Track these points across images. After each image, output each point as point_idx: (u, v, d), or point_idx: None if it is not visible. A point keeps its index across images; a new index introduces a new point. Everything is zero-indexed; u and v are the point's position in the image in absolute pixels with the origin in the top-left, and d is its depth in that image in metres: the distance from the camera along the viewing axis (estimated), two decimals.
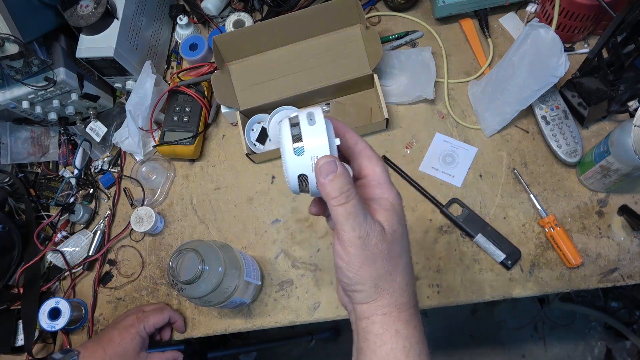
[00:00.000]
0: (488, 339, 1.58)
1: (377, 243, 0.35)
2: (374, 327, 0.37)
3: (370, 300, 0.37)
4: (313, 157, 0.34)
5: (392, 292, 0.36)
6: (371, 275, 0.36)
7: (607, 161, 0.64)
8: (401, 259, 0.37)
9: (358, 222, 0.34)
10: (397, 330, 0.36)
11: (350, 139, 0.39)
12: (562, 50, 0.68)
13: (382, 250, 0.35)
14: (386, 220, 0.36)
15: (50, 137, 0.93)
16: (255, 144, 0.84)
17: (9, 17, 0.70)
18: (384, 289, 0.36)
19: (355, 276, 0.36)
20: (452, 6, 0.83)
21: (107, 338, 0.70)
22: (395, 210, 0.37)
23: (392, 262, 0.36)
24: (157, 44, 0.93)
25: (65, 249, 0.84)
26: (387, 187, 0.38)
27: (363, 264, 0.35)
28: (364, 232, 0.35)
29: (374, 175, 0.38)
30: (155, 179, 0.86)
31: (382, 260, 0.35)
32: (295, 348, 1.63)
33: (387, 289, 0.36)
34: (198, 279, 0.60)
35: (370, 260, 0.35)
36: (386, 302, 0.36)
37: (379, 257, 0.35)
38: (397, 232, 0.37)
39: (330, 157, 0.34)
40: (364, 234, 0.35)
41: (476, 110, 0.81)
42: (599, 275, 0.69)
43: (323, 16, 0.79)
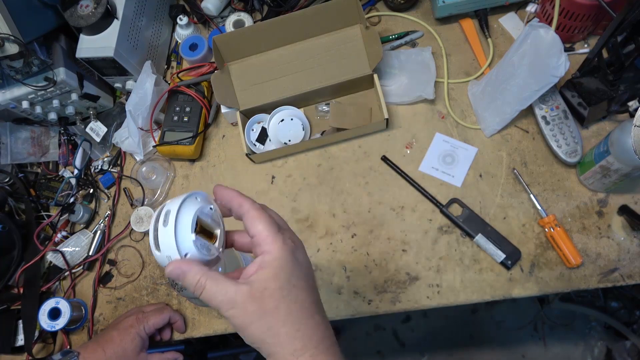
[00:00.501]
0: (488, 339, 1.58)
1: (245, 307, 0.38)
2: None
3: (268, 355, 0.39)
4: (168, 257, 0.39)
5: (280, 344, 0.38)
6: (255, 335, 0.38)
7: (607, 161, 0.64)
8: (279, 311, 0.38)
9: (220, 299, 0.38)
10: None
11: (235, 204, 0.42)
12: (562, 50, 0.68)
13: (253, 312, 0.38)
14: (257, 279, 0.39)
15: (50, 137, 0.93)
16: (255, 144, 0.84)
17: (9, 17, 0.70)
18: (272, 344, 0.38)
19: (246, 338, 0.39)
20: (452, 6, 0.83)
21: (107, 338, 0.70)
22: (271, 265, 0.39)
23: (270, 318, 0.38)
24: (157, 44, 0.93)
25: (65, 249, 0.84)
26: (269, 242, 0.40)
27: (244, 328, 0.38)
28: (229, 303, 0.38)
29: (257, 234, 0.40)
30: (155, 179, 0.86)
31: (258, 320, 0.38)
32: None
33: (275, 343, 0.38)
34: None
35: (248, 323, 0.38)
36: (280, 355, 0.38)
37: (253, 318, 0.38)
38: (268, 289, 0.38)
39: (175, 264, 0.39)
40: (231, 305, 0.38)
41: (476, 110, 0.81)
42: (599, 275, 0.69)
43: (323, 16, 0.79)
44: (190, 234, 0.40)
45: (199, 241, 0.40)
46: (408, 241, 0.76)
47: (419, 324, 1.64)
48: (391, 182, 0.79)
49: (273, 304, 0.38)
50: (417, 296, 0.72)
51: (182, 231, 0.40)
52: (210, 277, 0.39)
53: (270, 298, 0.38)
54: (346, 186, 0.81)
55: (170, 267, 0.39)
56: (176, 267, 0.39)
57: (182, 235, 0.40)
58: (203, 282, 0.38)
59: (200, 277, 0.38)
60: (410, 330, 1.64)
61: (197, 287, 0.39)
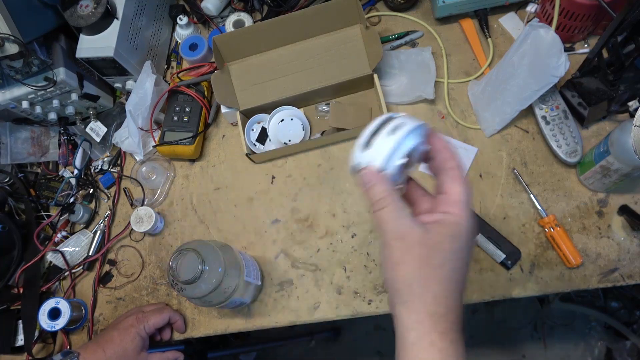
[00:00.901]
0: (488, 339, 1.58)
1: (412, 246, 0.37)
2: (409, 336, 0.37)
3: (403, 302, 0.37)
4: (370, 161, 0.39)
5: (424, 298, 0.37)
6: (405, 275, 0.37)
7: (607, 161, 0.64)
8: (442, 269, 0.37)
9: (392, 226, 0.38)
10: (432, 342, 0.36)
11: (443, 156, 0.41)
12: (562, 50, 0.68)
13: (418, 255, 0.37)
14: (434, 230, 0.38)
15: (50, 137, 0.93)
16: (255, 144, 0.84)
17: (9, 17, 0.70)
18: (416, 294, 0.37)
19: (391, 274, 0.38)
20: (452, 6, 0.83)
21: (107, 339, 0.70)
22: (451, 228, 0.38)
23: (429, 270, 0.37)
24: (157, 44, 0.93)
25: (65, 249, 0.84)
26: (461, 207, 0.39)
27: (397, 264, 0.37)
28: (399, 234, 0.37)
29: (452, 194, 0.39)
30: (155, 179, 0.86)
31: (418, 264, 0.37)
32: (295, 348, 1.63)
33: (420, 294, 0.37)
34: (198, 279, 0.60)
35: (405, 261, 0.37)
36: (418, 308, 0.37)
37: (413, 260, 0.37)
38: (442, 243, 0.37)
39: (370, 171, 0.39)
40: (399, 237, 0.37)
41: (476, 110, 0.81)
42: (599, 275, 0.69)
43: (323, 16, 0.79)
44: (401, 158, 0.39)
45: (402, 167, 0.40)
46: None
47: None
48: None
49: (440, 260, 0.37)
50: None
51: (399, 149, 0.39)
52: (394, 201, 0.38)
53: (441, 253, 0.37)
54: (346, 186, 0.81)
55: (366, 171, 0.39)
56: (371, 175, 0.39)
57: (397, 152, 0.39)
58: (387, 201, 0.38)
59: (387, 195, 0.38)
60: None
61: (378, 202, 0.38)
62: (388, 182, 0.39)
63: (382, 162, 0.39)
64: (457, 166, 0.40)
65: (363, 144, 0.40)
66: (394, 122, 0.39)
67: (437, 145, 0.42)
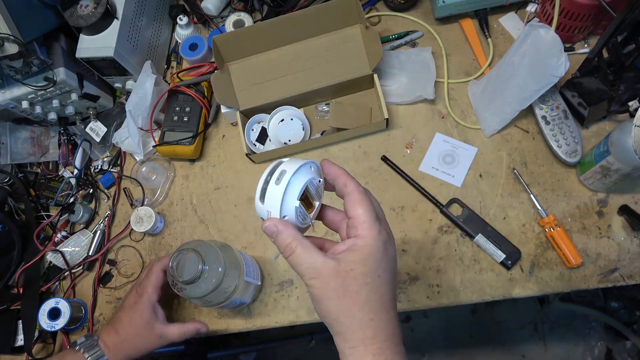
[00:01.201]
0: (488, 339, 1.58)
1: (328, 281, 0.39)
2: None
3: (336, 333, 0.40)
4: (268, 212, 0.41)
5: (352, 327, 0.39)
6: (330, 310, 0.39)
7: (607, 161, 0.64)
8: (359, 295, 0.39)
9: (305, 267, 0.39)
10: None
11: (340, 182, 0.43)
12: (562, 50, 0.68)
13: (334, 288, 0.39)
14: (345, 259, 0.39)
15: (50, 137, 0.93)
16: (255, 144, 0.84)
17: (9, 17, 0.70)
18: (344, 324, 0.39)
19: (319, 311, 0.40)
20: (452, 6, 0.83)
21: (117, 320, 0.69)
22: (360, 252, 0.40)
23: (348, 299, 0.39)
24: (157, 44, 0.93)
25: (65, 249, 0.84)
26: (365, 228, 0.40)
27: (321, 300, 0.39)
28: (314, 273, 0.39)
29: (355, 217, 0.41)
30: (155, 179, 0.86)
31: (337, 297, 0.39)
32: (295, 348, 1.63)
33: (347, 324, 0.39)
34: (198, 279, 0.60)
35: (325, 297, 0.39)
36: (349, 337, 0.39)
37: (332, 294, 0.39)
38: (354, 270, 0.39)
39: (273, 221, 0.40)
40: (315, 275, 0.39)
41: (476, 110, 0.81)
42: (599, 275, 0.69)
43: (323, 16, 0.79)
44: (295, 200, 0.41)
45: (300, 209, 0.41)
46: (408, 241, 0.75)
47: (419, 324, 1.64)
48: (391, 182, 0.79)
49: (355, 287, 0.39)
50: (417, 296, 0.72)
51: (289, 194, 0.41)
52: (301, 243, 0.40)
53: (354, 280, 0.39)
54: None
55: (268, 222, 0.41)
56: (273, 225, 0.41)
57: (288, 198, 0.41)
58: (294, 245, 0.40)
59: (292, 240, 0.40)
60: (410, 330, 1.64)
61: (287, 248, 0.40)
62: (291, 227, 0.41)
63: (279, 210, 0.41)
64: (355, 189, 0.42)
65: (259, 197, 0.42)
66: (278, 170, 0.41)
67: (332, 175, 0.44)
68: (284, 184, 0.40)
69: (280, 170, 0.41)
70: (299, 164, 0.42)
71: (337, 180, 0.43)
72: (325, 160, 0.45)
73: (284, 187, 0.40)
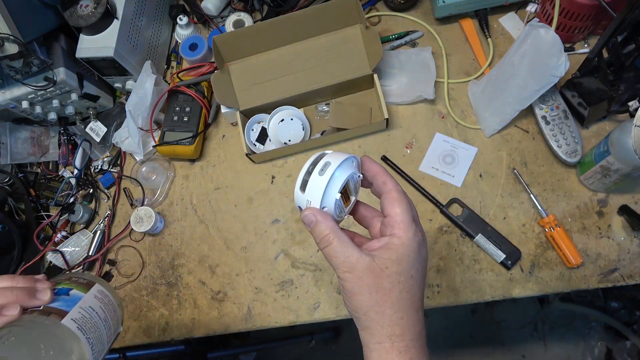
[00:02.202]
0: (488, 339, 1.58)
1: (362, 276, 0.39)
2: (371, 356, 0.41)
3: (364, 328, 0.41)
4: (308, 201, 0.41)
5: (381, 323, 0.40)
6: (360, 304, 0.40)
7: (607, 161, 0.64)
8: (392, 292, 0.40)
9: (340, 260, 0.40)
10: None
11: (379, 180, 0.43)
12: (562, 50, 0.68)
13: (367, 284, 0.39)
14: (380, 256, 0.40)
15: (50, 137, 0.93)
16: (255, 144, 0.84)
17: (9, 17, 0.70)
18: (373, 319, 0.40)
19: (349, 304, 0.41)
20: (452, 6, 0.83)
21: None
22: (396, 251, 0.40)
23: (380, 295, 0.39)
24: (157, 44, 0.93)
25: (65, 249, 0.84)
26: (402, 227, 0.41)
27: (352, 294, 0.40)
28: (348, 267, 0.40)
29: (393, 216, 0.41)
30: (155, 179, 0.86)
31: (369, 293, 0.39)
32: (295, 348, 1.63)
33: (377, 320, 0.40)
34: None
35: (358, 291, 0.40)
36: (377, 332, 0.40)
37: (365, 289, 0.39)
38: (388, 268, 0.40)
39: (312, 211, 0.41)
40: (349, 269, 0.40)
41: (476, 110, 0.81)
42: (599, 275, 0.69)
43: (323, 16, 0.79)
44: (337, 193, 0.41)
45: (339, 201, 0.42)
46: None
47: None
48: None
49: (388, 284, 0.39)
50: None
51: (331, 186, 0.41)
52: (338, 236, 0.40)
53: (388, 278, 0.39)
54: None
55: (308, 211, 0.41)
56: (312, 214, 0.41)
57: (330, 189, 0.41)
58: (331, 238, 0.40)
59: (330, 232, 0.40)
60: None
61: (324, 239, 0.41)
62: (330, 219, 0.41)
63: (320, 201, 0.41)
64: (394, 188, 0.43)
65: (300, 186, 0.42)
66: (322, 161, 0.42)
67: (372, 172, 0.44)
68: (328, 175, 0.40)
69: (325, 162, 0.41)
70: (343, 157, 0.42)
71: (377, 178, 0.44)
72: (366, 156, 0.45)
73: (328, 178, 0.40)
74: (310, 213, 0.41)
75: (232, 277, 0.79)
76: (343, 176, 0.41)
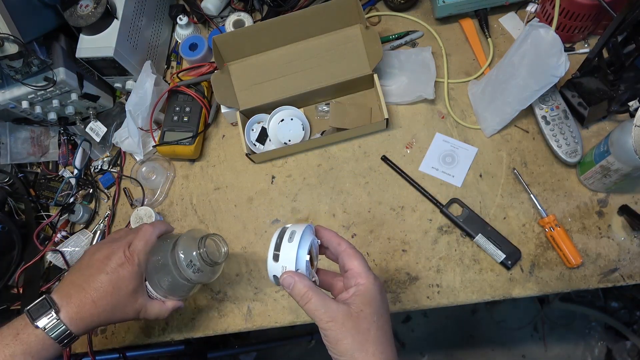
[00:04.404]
0: (488, 339, 1.58)
1: (343, 323, 0.45)
2: None
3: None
4: (283, 267, 0.47)
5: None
6: (346, 348, 0.44)
7: (607, 161, 0.64)
8: (370, 332, 0.45)
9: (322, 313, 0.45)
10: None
11: (334, 242, 0.51)
12: (562, 50, 0.68)
13: (349, 328, 0.44)
14: (354, 302, 0.46)
15: (50, 137, 0.93)
16: (255, 144, 0.84)
17: (9, 17, 0.70)
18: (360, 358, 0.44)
19: (335, 351, 0.45)
20: (452, 6, 0.83)
21: (96, 286, 0.55)
22: (365, 294, 0.47)
23: (362, 336, 0.45)
24: (157, 44, 0.93)
25: (65, 249, 0.84)
26: (364, 276, 0.48)
27: (337, 341, 0.45)
28: (330, 317, 0.45)
29: (353, 268, 0.48)
30: (155, 179, 0.86)
31: (352, 336, 0.44)
32: (295, 348, 1.63)
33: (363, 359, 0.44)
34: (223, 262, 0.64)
35: (342, 337, 0.44)
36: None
37: (347, 334, 0.44)
38: (363, 311, 0.45)
39: (289, 274, 0.47)
40: (331, 319, 0.45)
41: (476, 110, 0.81)
42: (599, 275, 0.69)
43: (323, 16, 0.79)
44: (306, 254, 0.48)
45: (309, 263, 0.48)
46: (408, 241, 0.76)
47: (419, 324, 1.64)
48: (391, 182, 0.79)
49: (366, 325, 0.45)
50: (417, 296, 0.72)
51: (302, 249, 0.48)
52: (316, 292, 0.46)
53: (365, 320, 0.45)
54: (346, 186, 0.81)
55: (286, 275, 0.47)
56: (290, 276, 0.47)
57: (301, 253, 0.47)
58: (310, 295, 0.46)
59: (308, 289, 0.46)
60: (410, 330, 1.64)
61: (304, 296, 0.46)
62: (305, 278, 0.47)
63: (294, 264, 0.47)
64: (348, 246, 0.50)
65: (272, 257, 0.48)
66: (288, 232, 0.48)
67: (326, 236, 0.52)
68: (297, 241, 0.47)
69: (290, 232, 0.48)
70: (303, 225, 0.49)
71: (331, 241, 0.51)
72: (319, 226, 0.52)
73: (297, 243, 0.47)
74: (288, 276, 0.46)
75: (232, 277, 0.79)
76: (308, 240, 0.48)
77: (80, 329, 0.54)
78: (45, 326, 0.52)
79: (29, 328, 0.52)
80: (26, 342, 0.51)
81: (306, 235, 0.49)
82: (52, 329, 0.52)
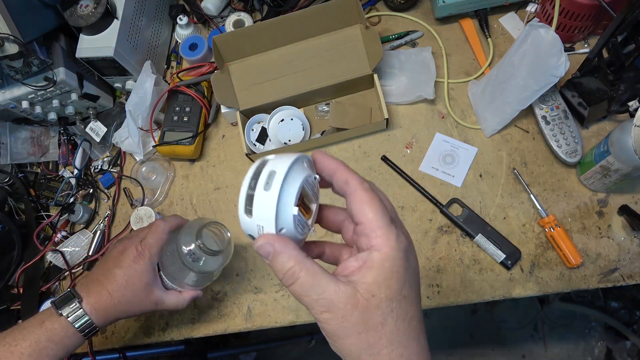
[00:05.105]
0: (488, 339, 1.58)
1: (344, 315, 0.30)
2: None
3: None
4: (259, 226, 0.32)
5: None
6: (350, 349, 0.31)
7: (607, 161, 0.64)
8: (385, 327, 0.31)
9: (313, 298, 0.31)
10: None
11: (340, 179, 0.35)
12: (562, 50, 0.68)
13: (353, 323, 0.30)
14: (362, 281, 0.31)
15: (50, 137, 0.93)
16: (255, 144, 0.84)
17: (9, 17, 0.70)
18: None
19: (336, 348, 0.32)
20: (452, 6, 0.83)
21: (111, 279, 0.60)
22: (381, 267, 0.31)
23: (372, 334, 0.31)
24: (157, 44, 0.93)
25: (65, 249, 0.84)
26: (380, 236, 0.31)
27: (337, 338, 0.31)
28: (325, 306, 0.31)
29: (365, 222, 0.32)
30: (155, 179, 0.86)
31: (357, 334, 0.31)
32: (295, 348, 1.63)
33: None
34: (224, 250, 0.63)
35: (343, 335, 0.31)
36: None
37: (351, 330, 0.31)
38: (376, 297, 0.30)
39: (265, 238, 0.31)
40: (326, 309, 0.31)
41: (476, 110, 0.81)
42: (599, 275, 0.69)
43: (323, 16, 0.79)
44: (293, 207, 0.32)
45: (298, 216, 0.32)
46: None
47: None
48: (391, 182, 0.79)
49: (379, 318, 0.31)
50: None
51: (284, 201, 0.31)
52: (307, 268, 0.31)
53: (377, 310, 0.30)
54: None
55: (262, 240, 0.32)
56: (269, 243, 0.31)
57: (283, 205, 0.31)
58: (297, 271, 0.31)
59: (294, 264, 0.31)
60: None
61: (287, 275, 0.31)
62: (291, 245, 0.32)
63: (274, 223, 0.31)
64: (359, 186, 0.33)
65: (244, 211, 0.32)
66: (265, 172, 0.32)
67: (329, 169, 0.35)
68: (277, 188, 0.31)
69: (269, 171, 0.32)
70: (289, 160, 0.32)
71: (336, 176, 0.35)
72: (317, 151, 0.36)
73: (277, 192, 0.31)
74: (265, 242, 0.31)
75: (232, 277, 0.79)
76: (295, 185, 0.32)
77: (100, 318, 0.58)
78: (68, 314, 0.57)
79: (53, 317, 0.57)
80: (50, 329, 0.56)
81: (294, 175, 0.32)
82: (75, 317, 0.57)
